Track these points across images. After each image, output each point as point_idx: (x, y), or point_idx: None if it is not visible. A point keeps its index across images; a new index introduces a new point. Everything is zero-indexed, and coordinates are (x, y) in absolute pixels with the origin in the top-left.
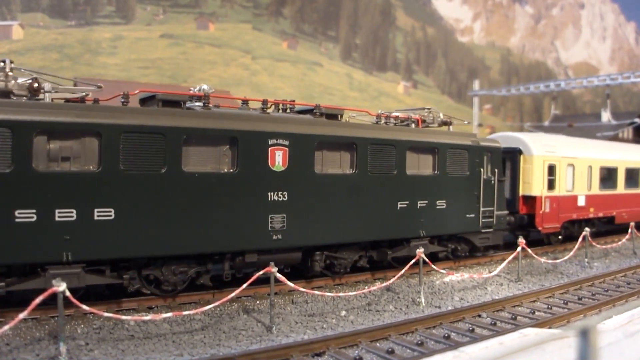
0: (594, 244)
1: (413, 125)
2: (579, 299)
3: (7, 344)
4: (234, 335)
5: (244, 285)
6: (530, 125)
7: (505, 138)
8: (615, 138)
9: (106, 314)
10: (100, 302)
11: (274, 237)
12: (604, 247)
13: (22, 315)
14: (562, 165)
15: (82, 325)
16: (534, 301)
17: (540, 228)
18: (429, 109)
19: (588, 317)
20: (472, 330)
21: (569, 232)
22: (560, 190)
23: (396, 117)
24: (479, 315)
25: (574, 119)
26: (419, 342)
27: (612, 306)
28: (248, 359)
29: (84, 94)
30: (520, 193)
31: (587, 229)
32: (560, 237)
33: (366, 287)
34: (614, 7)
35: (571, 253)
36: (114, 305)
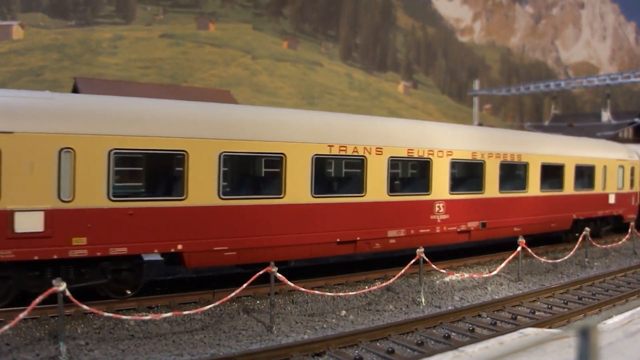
0: (594, 243)
1: None
2: (579, 298)
3: (7, 344)
4: (234, 335)
5: (244, 285)
6: (530, 124)
7: None
8: (615, 138)
9: (106, 314)
10: (100, 302)
11: None
12: (604, 247)
13: (22, 315)
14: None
15: (82, 325)
16: (534, 301)
17: None
18: None
19: (588, 316)
20: (472, 330)
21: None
22: None
23: None
24: (479, 315)
25: (574, 118)
26: (419, 341)
27: (612, 306)
28: (248, 358)
29: None
30: None
31: None
32: None
33: (366, 287)
34: (614, 7)
35: (571, 253)
36: (114, 305)
